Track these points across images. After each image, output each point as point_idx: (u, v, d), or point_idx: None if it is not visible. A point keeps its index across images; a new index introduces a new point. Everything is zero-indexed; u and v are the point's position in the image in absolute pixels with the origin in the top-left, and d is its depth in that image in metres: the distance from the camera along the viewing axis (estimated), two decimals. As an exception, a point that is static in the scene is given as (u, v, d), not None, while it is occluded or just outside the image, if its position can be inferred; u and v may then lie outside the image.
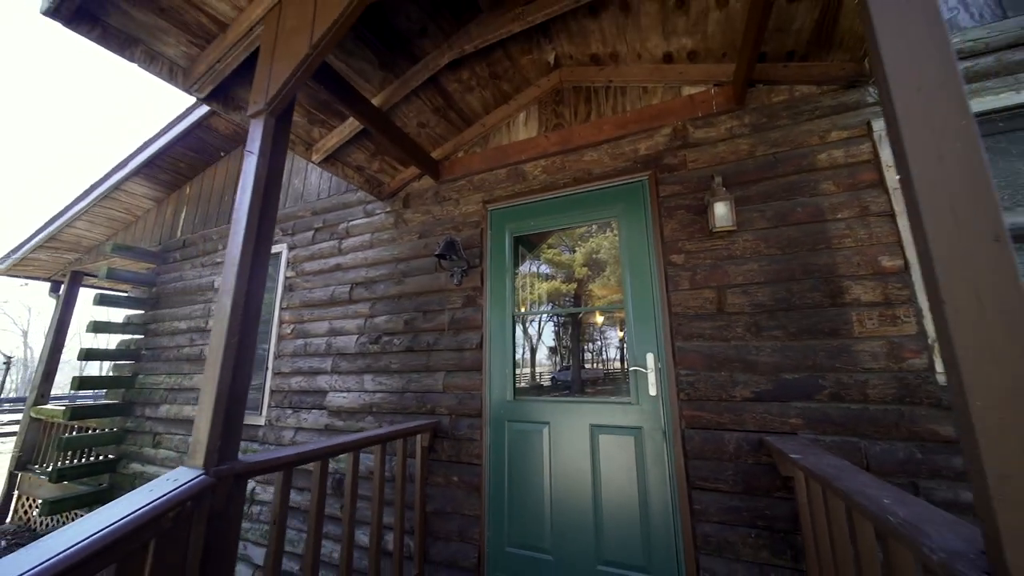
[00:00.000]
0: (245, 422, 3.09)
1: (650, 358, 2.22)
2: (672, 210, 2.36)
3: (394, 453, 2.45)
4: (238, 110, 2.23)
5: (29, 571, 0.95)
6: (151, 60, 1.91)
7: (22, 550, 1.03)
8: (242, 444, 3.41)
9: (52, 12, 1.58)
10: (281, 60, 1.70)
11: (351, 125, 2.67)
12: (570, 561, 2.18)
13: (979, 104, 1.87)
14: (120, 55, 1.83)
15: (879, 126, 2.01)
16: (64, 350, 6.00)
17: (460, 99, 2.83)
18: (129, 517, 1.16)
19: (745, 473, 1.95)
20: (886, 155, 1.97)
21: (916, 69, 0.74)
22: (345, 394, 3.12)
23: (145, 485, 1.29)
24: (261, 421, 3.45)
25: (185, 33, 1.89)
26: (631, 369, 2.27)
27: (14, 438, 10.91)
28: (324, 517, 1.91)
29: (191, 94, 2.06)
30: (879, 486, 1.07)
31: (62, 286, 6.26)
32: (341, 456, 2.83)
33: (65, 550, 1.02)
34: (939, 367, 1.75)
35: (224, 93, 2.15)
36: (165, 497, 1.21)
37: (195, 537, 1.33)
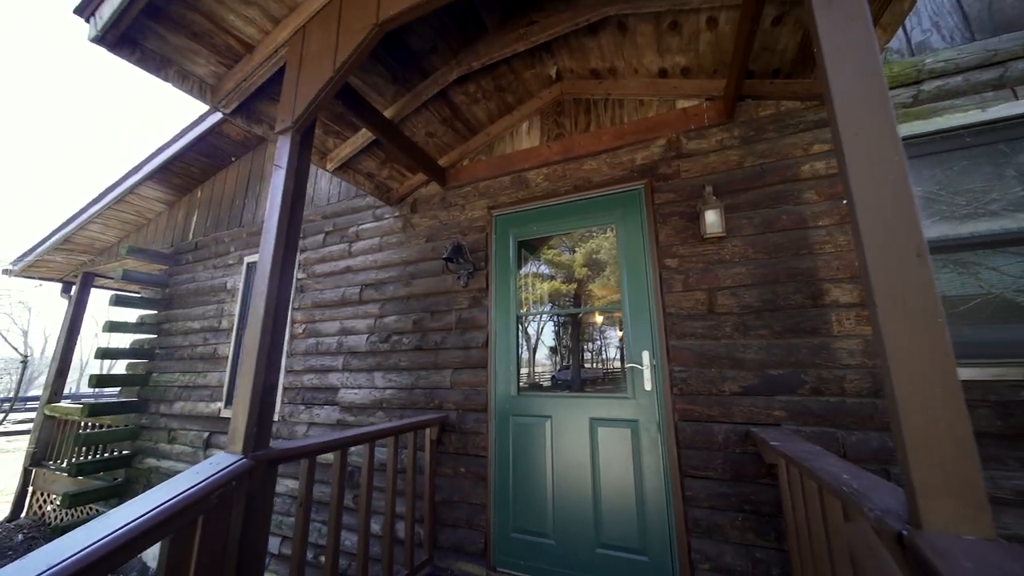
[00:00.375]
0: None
1: (646, 355, 2.38)
2: (667, 217, 2.51)
3: (405, 446, 2.59)
4: (260, 123, 2.38)
5: (102, 539, 1.10)
6: (183, 79, 2.06)
7: (92, 522, 1.17)
8: (256, 439, 3.55)
9: (99, 39, 1.73)
10: (306, 81, 1.85)
11: (364, 135, 2.82)
12: (571, 545, 2.34)
13: (948, 121, 2.03)
14: (155, 75, 1.98)
15: (858, 140, 2.17)
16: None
17: (466, 110, 2.98)
18: (181, 496, 1.31)
19: (733, 462, 2.10)
20: (864, 167, 2.12)
21: (859, 113, 0.89)
22: (356, 390, 3.27)
23: (192, 468, 1.44)
24: (275, 417, 3.58)
25: (215, 54, 2.04)
26: (628, 366, 2.43)
27: (22, 436, 11.06)
28: (344, 503, 2.06)
29: (218, 110, 2.21)
30: (842, 465, 1.23)
31: (73, 287, 6.41)
32: (353, 449, 2.99)
33: (129, 523, 1.18)
34: (910, 363, 1.90)
35: (248, 108, 2.29)
36: (213, 478, 1.36)
37: (236, 515, 1.48)
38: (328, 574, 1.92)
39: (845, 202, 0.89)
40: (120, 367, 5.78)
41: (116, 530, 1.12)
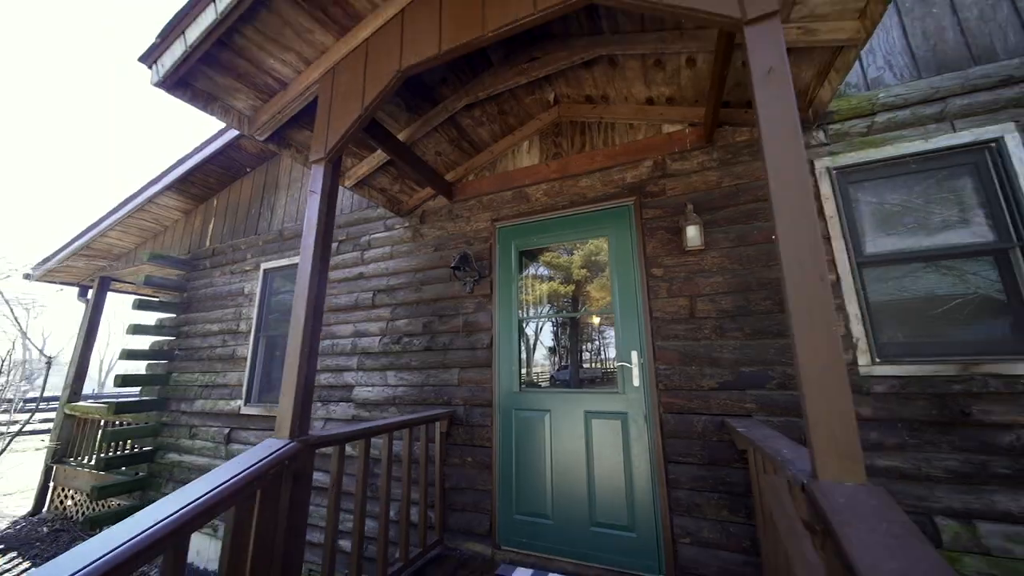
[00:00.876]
0: (275, 415, 3.51)
1: (634, 355, 2.66)
2: (653, 230, 2.80)
3: (418, 438, 2.87)
4: (289, 148, 2.66)
5: (190, 505, 1.36)
6: (225, 112, 2.34)
7: (174, 494, 1.44)
8: (276, 434, 3.81)
9: (160, 84, 2.01)
10: (337, 118, 2.13)
11: (379, 155, 3.10)
12: (568, 524, 2.62)
13: (897, 149, 2.32)
14: (202, 110, 2.25)
15: (820, 164, 2.46)
16: (60, 352, 6.42)
17: (472, 131, 3.26)
18: (246, 472, 1.58)
19: (710, 449, 2.39)
20: (825, 188, 2.41)
21: (785, 170, 1.18)
22: (370, 388, 3.55)
23: (250, 449, 1.71)
24: (293, 413, 3.86)
25: (254, 91, 2.32)
26: (618, 364, 2.71)
27: (30, 436, 11.26)
28: (368, 488, 2.34)
29: (254, 138, 2.49)
30: (786, 443, 1.52)
31: (90, 291, 6.67)
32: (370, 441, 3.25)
33: (207, 493, 1.44)
34: (861, 361, 2.19)
35: (280, 135, 2.57)
36: (271, 457, 1.64)
37: (284, 490, 1.76)
38: (355, 553, 2.19)
39: (774, 236, 1.17)
40: (119, 368, 6.02)
41: (202, 496, 1.39)
